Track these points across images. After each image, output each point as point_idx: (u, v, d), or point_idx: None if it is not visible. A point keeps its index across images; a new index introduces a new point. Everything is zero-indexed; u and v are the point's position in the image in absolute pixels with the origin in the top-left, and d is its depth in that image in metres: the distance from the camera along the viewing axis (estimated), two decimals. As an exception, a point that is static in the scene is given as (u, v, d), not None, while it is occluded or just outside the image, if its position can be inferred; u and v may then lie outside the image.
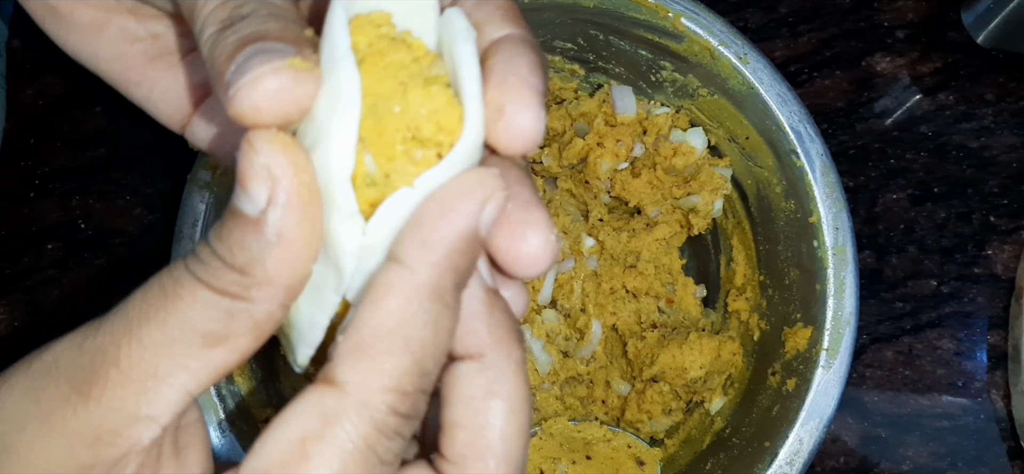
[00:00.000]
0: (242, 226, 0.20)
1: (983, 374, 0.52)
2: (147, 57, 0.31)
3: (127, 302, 0.21)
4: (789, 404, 0.42)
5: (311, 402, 0.21)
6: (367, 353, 0.21)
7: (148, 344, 0.20)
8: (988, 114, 0.55)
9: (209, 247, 0.21)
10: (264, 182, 0.20)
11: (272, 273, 0.21)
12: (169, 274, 0.21)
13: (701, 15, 0.43)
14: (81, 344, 0.21)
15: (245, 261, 0.20)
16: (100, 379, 0.20)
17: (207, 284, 0.21)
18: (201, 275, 0.21)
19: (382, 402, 0.21)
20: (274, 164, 0.20)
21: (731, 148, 0.47)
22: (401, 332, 0.21)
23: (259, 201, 0.20)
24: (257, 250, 0.20)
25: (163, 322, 0.20)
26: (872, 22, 0.55)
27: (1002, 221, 0.54)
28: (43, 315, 0.52)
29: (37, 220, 0.54)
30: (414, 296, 0.21)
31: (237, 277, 0.21)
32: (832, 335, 0.42)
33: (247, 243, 0.20)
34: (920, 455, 0.52)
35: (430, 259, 0.21)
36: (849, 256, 0.42)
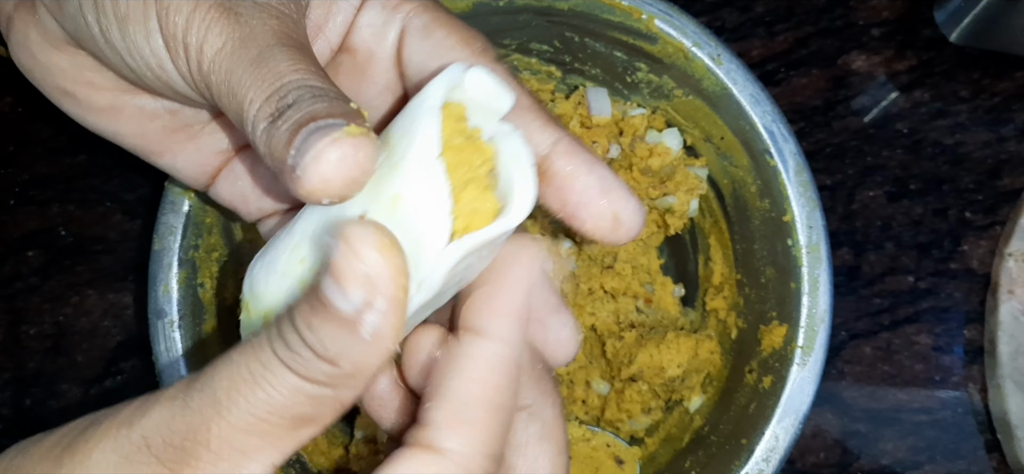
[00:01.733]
0: (335, 321, 0.21)
1: (960, 368, 0.53)
2: (166, 131, 0.32)
3: (213, 379, 0.22)
4: (766, 401, 0.43)
5: (414, 464, 0.22)
6: (464, 421, 0.22)
7: (238, 426, 0.21)
8: (963, 111, 0.55)
9: (297, 334, 0.21)
10: (363, 287, 0.21)
11: (363, 367, 0.22)
12: (256, 357, 0.22)
13: (675, 17, 0.44)
14: (169, 423, 0.22)
15: (336, 354, 0.21)
16: (192, 459, 0.21)
17: (296, 373, 0.21)
18: (290, 363, 0.21)
19: (480, 468, 0.22)
20: (374, 272, 0.21)
21: (707, 148, 0.47)
22: (492, 399, 0.23)
23: (355, 302, 0.21)
24: (349, 346, 0.21)
25: (253, 406, 0.21)
26: (847, 20, 0.56)
27: (977, 217, 0.54)
28: (24, 323, 0.53)
29: (17, 228, 0.54)
30: (498, 365, 0.23)
31: (327, 368, 0.21)
32: (807, 332, 0.42)
33: (339, 338, 0.21)
34: (899, 449, 0.52)
35: (508, 327, 0.23)
36: (823, 254, 0.43)
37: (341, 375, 0.21)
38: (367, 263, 0.21)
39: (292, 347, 0.21)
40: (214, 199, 0.34)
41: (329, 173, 0.22)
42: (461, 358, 0.23)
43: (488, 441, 0.22)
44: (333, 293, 0.21)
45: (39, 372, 0.52)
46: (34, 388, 0.52)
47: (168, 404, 0.22)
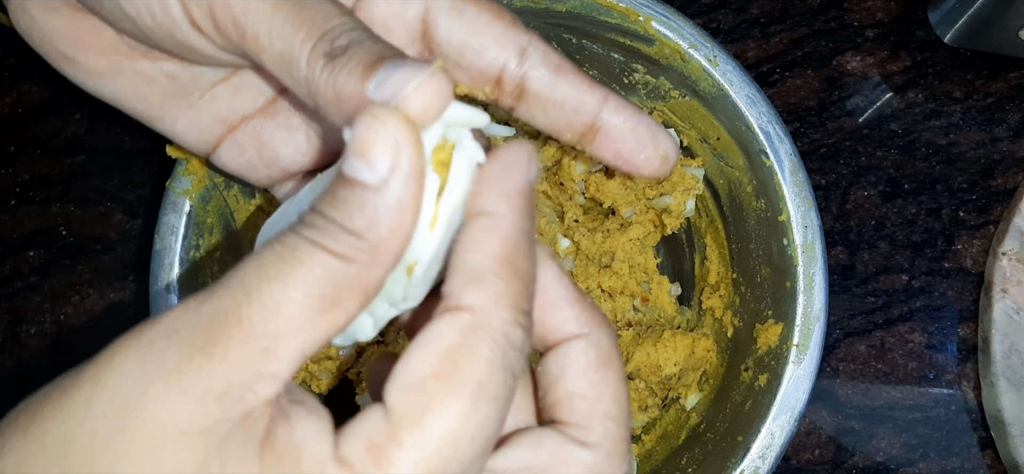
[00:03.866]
0: (361, 192, 0.22)
1: (953, 366, 0.53)
2: (165, 96, 0.32)
3: (240, 269, 0.22)
4: (761, 399, 0.43)
5: (446, 323, 0.23)
6: (485, 279, 0.23)
7: (269, 305, 0.21)
8: (956, 111, 0.56)
9: (322, 214, 0.22)
10: (389, 151, 0.22)
11: (387, 238, 0.22)
12: (281, 241, 0.22)
13: (672, 19, 0.44)
14: (197, 308, 0.22)
15: (363, 226, 0.22)
16: (223, 338, 0.21)
17: (324, 247, 0.22)
18: (318, 239, 0.22)
19: (509, 316, 0.23)
20: (400, 136, 0.22)
21: (703, 149, 0.48)
22: (509, 261, 0.23)
23: (381, 169, 0.22)
24: (375, 215, 0.22)
25: (282, 284, 0.22)
26: (842, 22, 0.56)
27: (970, 216, 0.55)
28: (24, 322, 0.53)
29: (18, 227, 0.54)
30: (510, 234, 0.24)
31: (354, 241, 0.22)
32: (802, 331, 0.43)
33: (366, 209, 0.22)
34: (893, 446, 0.53)
35: (512, 205, 0.24)
36: (818, 253, 0.43)
37: (367, 248, 0.22)
38: (394, 127, 0.22)
39: (317, 226, 0.22)
40: (218, 165, 0.34)
41: (430, 102, 0.23)
42: (469, 238, 0.24)
43: (509, 294, 0.23)
44: (357, 167, 0.22)
45: (39, 371, 0.52)
46: (34, 387, 0.52)
47: (193, 298, 0.22)
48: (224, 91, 0.33)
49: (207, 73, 0.32)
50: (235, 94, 0.33)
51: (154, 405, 0.21)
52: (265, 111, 0.33)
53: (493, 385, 0.22)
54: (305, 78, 0.26)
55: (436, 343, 0.22)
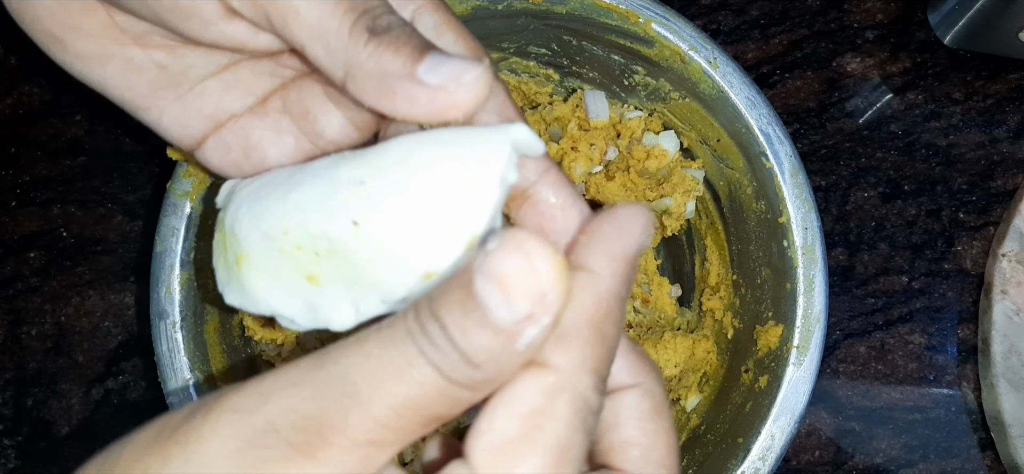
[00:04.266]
0: (491, 330, 0.21)
1: (953, 367, 0.53)
2: (153, 87, 0.32)
3: (347, 369, 0.21)
4: (761, 401, 0.43)
5: (531, 383, 0.22)
6: (573, 341, 0.23)
7: (378, 419, 0.21)
8: (956, 113, 0.56)
9: (446, 336, 0.21)
10: (533, 303, 0.20)
11: (506, 374, 0.22)
12: (398, 350, 0.21)
13: (671, 20, 0.44)
14: (299, 408, 0.21)
15: (485, 360, 0.21)
16: (326, 444, 0.21)
17: (444, 374, 0.21)
18: (438, 364, 0.21)
19: (590, 381, 0.23)
20: (549, 290, 0.21)
21: (703, 150, 0.48)
22: (598, 326, 0.23)
23: (519, 315, 0.20)
24: (500, 355, 0.21)
25: (393, 400, 0.21)
26: (841, 23, 0.56)
27: (970, 217, 0.55)
28: (25, 323, 0.53)
29: (18, 229, 0.54)
30: (605, 298, 0.23)
31: (470, 371, 0.21)
32: (802, 333, 0.43)
33: (493, 347, 0.21)
34: (893, 447, 0.53)
35: (615, 269, 0.24)
36: (818, 255, 0.43)
37: (483, 379, 0.21)
38: (542, 278, 0.20)
39: (439, 348, 0.21)
40: (201, 163, 0.34)
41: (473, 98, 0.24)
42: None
43: (596, 361, 0.23)
44: (494, 301, 0.20)
45: (40, 372, 0.52)
46: (35, 388, 0.52)
47: (293, 390, 0.21)
48: (214, 86, 0.32)
49: (198, 66, 0.32)
50: (225, 91, 0.32)
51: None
52: (254, 111, 0.33)
53: (574, 448, 0.22)
54: (343, 49, 0.26)
55: (520, 403, 0.22)
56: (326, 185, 0.27)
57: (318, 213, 0.27)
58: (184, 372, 0.42)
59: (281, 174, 0.30)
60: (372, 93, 0.26)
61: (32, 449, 0.52)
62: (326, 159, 0.29)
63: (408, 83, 0.25)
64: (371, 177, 0.26)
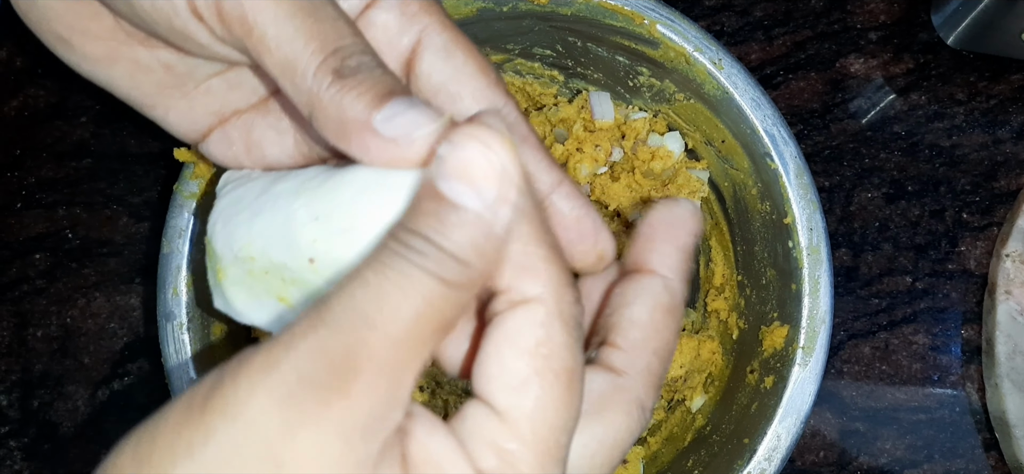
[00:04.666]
0: (467, 220, 0.22)
1: (958, 368, 0.54)
2: (160, 86, 0.32)
3: (352, 299, 0.22)
4: (767, 401, 0.43)
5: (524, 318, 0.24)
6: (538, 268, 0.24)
7: (393, 335, 0.22)
8: (959, 113, 0.56)
9: (431, 243, 0.22)
10: (496, 178, 0.22)
11: (494, 262, 0.23)
12: (393, 270, 0.22)
13: (676, 22, 0.44)
14: (323, 349, 0.21)
15: (472, 255, 0.22)
16: (357, 375, 0.21)
17: (439, 278, 0.22)
18: (432, 269, 0.22)
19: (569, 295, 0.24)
20: (508, 165, 0.22)
21: (708, 151, 0.48)
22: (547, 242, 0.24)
23: (487, 196, 0.22)
24: (484, 242, 0.22)
25: (405, 316, 0.22)
26: (845, 24, 0.57)
27: (974, 218, 0.55)
28: (31, 325, 0.53)
29: (24, 231, 0.54)
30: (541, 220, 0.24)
31: (462, 269, 0.22)
32: (808, 333, 0.43)
33: (475, 238, 0.22)
34: (897, 447, 0.53)
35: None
36: (823, 256, 0.43)
37: (475, 273, 0.23)
38: (500, 157, 0.22)
39: (429, 255, 0.22)
40: (203, 153, 0.34)
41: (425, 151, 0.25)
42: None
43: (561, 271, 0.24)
44: (464, 194, 0.22)
45: (46, 374, 0.52)
46: (41, 390, 0.52)
47: (310, 335, 0.22)
48: (219, 85, 0.33)
49: (203, 66, 0.32)
50: (230, 89, 0.33)
51: (306, 453, 0.21)
52: (257, 108, 0.33)
53: (578, 367, 0.24)
54: (308, 89, 0.26)
55: (522, 339, 0.23)
56: (285, 217, 0.27)
57: (277, 246, 0.27)
58: (191, 374, 0.42)
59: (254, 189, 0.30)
60: (332, 134, 0.26)
61: (38, 451, 0.52)
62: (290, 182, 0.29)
63: (362, 131, 0.25)
64: (326, 214, 0.26)
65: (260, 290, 0.29)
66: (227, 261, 0.29)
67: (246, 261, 0.28)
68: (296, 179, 0.29)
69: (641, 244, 0.28)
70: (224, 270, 0.29)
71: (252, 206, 0.29)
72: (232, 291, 0.29)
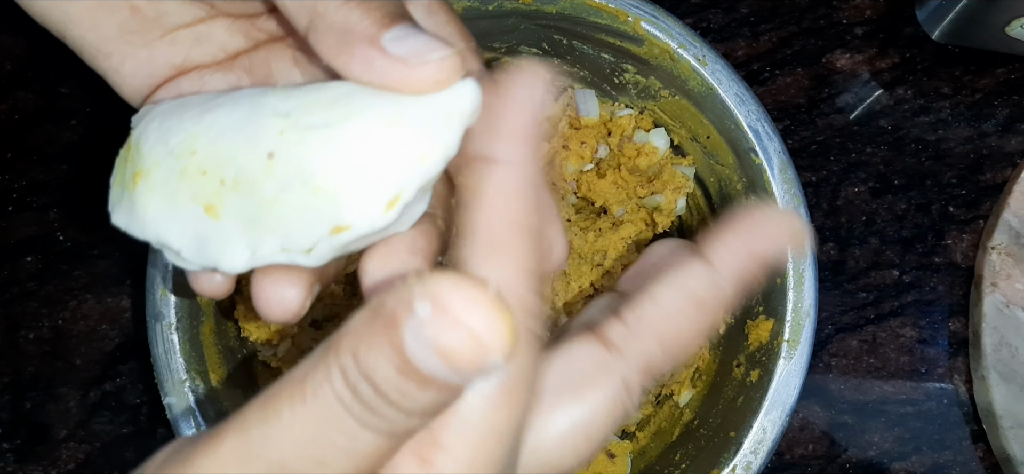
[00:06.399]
0: (436, 388, 0.19)
1: (945, 360, 0.54)
2: (122, 30, 0.30)
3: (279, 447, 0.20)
4: (753, 395, 0.44)
5: None
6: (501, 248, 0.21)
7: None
8: (945, 107, 0.56)
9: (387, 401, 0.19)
10: (480, 366, 0.18)
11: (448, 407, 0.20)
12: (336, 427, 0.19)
13: (660, 19, 0.44)
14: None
15: (434, 410, 0.20)
16: None
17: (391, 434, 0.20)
18: (382, 429, 0.19)
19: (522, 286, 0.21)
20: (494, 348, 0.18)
21: (693, 147, 0.48)
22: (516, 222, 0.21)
23: (466, 375, 0.19)
24: (450, 400, 0.20)
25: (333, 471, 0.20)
26: (830, 20, 0.57)
27: (960, 211, 0.55)
28: (22, 327, 0.53)
29: (14, 233, 0.54)
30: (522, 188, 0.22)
31: (418, 422, 0.20)
32: (793, 327, 0.43)
33: (440, 399, 0.19)
34: (885, 440, 0.53)
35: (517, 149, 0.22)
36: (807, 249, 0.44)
37: (427, 420, 0.20)
38: (486, 343, 0.18)
39: (380, 414, 0.19)
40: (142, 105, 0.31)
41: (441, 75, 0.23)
42: (478, 191, 0.22)
43: (523, 260, 0.21)
44: (436, 368, 0.18)
45: (37, 376, 0.53)
46: (32, 392, 0.52)
47: None
48: (185, 36, 0.31)
49: (172, 14, 0.30)
50: (196, 43, 0.31)
51: None
52: (221, 65, 0.31)
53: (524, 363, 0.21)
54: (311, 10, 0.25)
55: None
56: (248, 111, 0.25)
57: (232, 137, 0.25)
58: (180, 374, 0.42)
59: (206, 96, 0.27)
60: (331, 47, 0.25)
61: (30, 452, 0.52)
62: (257, 89, 0.26)
63: (368, 46, 0.24)
64: (299, 111, 0.24)
65: (185, 196, 0.25)
66: (153, 160, 0.26)
67: (182, 157, 0.25)
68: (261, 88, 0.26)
69: (717, 231, 0.24)
70: (145, 172, 0.26)
71: (207, 104, 0.26)
72: (146, 197, 0.26)
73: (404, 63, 0.24)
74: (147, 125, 0.27)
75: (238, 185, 0.24)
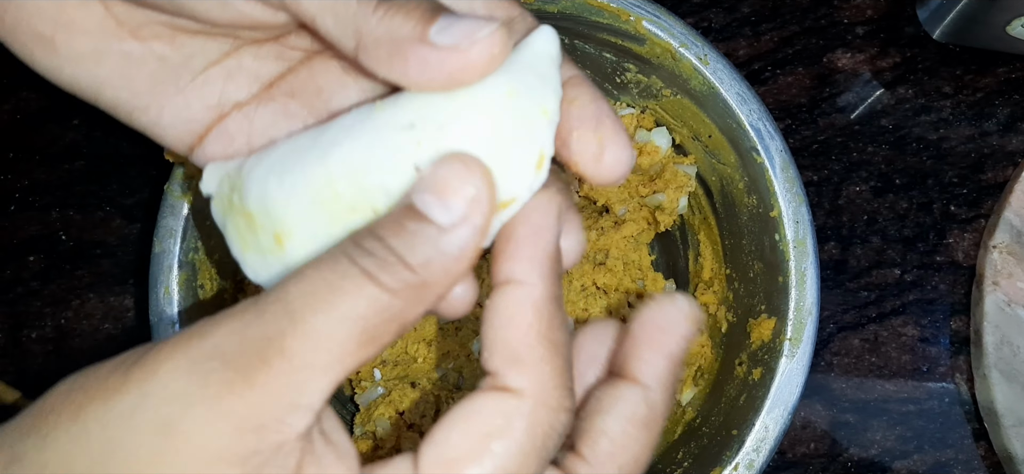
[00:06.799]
0: (427, 229, 0.22)
1: (946, 359, 0.54)
2: (153, 81, 0.30)
3: (286, 291, 0.22)
4: (755, 393, 0.44)
5: (491, 403, 0.23)
6: (528, 360, 0.23)
7: (312, 336, 0.21)
8: (946, 106, 0.56)
9: (381, 240, 0.22)
10: (466, 199, 0.22)
11: (438, 280, 0.23)
12: (331, 266, 0.22)
13: (662, 18, 0.45)
14: (243, 331, 0.22)
15: (420, 262, 0.22)
16: (265, 367, 0.21)
17: (377, 281, 0.22)
18: (371, 270, 0.22)
19: (556, 401, 0.23)
20: (481, 189, 0.23)
21: (695, 146, 0.48)
22: (547, 336, 0.23)
23: (454, 213, 0.22)
24: (435, 255, 0.22)
25: (328, 315, 0.22)
26: (832, 19, 0.57)
27: (961, 210, 0.55)
28: (26, 327, 0.53)
29: (18, 233, 0.54)
30: (544, 305, 0.23)
31: (406, 274, 0.22)
32: (795, 325, 0.43)
33: (427, 245, 0.22)
34: (887, 439, 0.53)
35: (541, 272, 0.24)
36: (809, 248, 0.44)
37: (417, 284, 0.22)
38: (476, 183, 0.22)
39: (375, 256, 0.22)
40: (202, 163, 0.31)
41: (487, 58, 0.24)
42: (505, 307, 0.23)
43: (553, 374, 0.23)
44: (431, 205, 0.22)
45: (41, 375, 0.53)
46: (36, 391, 0.52)
47: (239, 317, 0.22)
48: (217, 74, 0.30)
49: (198, 55, 0.30)
50: (228, 78, 0.31)
51: (196, 428, 0.21)
52: (259, 98, 0.31)
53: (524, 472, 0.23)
54: (352, 17, 0.25)
55: (478, 421, 0.23)
56: (370, 136, 0.25)
57: (370, 166, 0.25)
58: (183, 372, 0.42)
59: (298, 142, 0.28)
60: (384, 61, 0.25)
61: (33, 451, 0.52)
62: (346, 116, 0.27)
63: (420, 46, 0.24)
64: (419, 118, 0.25)
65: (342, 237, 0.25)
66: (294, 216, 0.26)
67: (327, 202, 0.26)
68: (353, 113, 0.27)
69: (628, 345, 0.26)
70: (288, 231, 0.26)
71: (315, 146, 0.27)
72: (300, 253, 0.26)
73: (457, 50, 0.24)
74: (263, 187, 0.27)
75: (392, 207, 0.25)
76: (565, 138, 0.27)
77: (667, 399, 0.26)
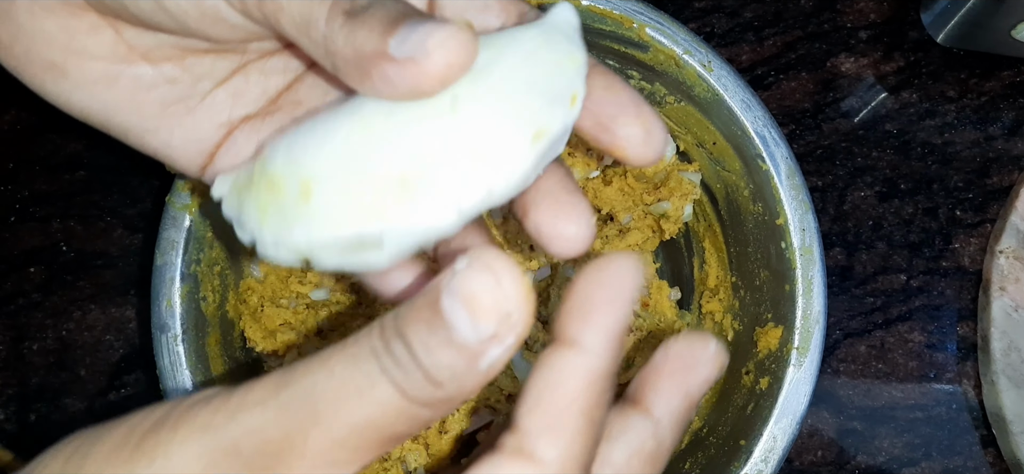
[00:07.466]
0: (455, 348, 0.21)
1: (954, 365, 0.54)
2: (164, 104, 0.30)
3: (312, 388, 0.21)
4: (763, 402, 0.43)
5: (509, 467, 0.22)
6: (559, 429, 0.22)
7: (337, 440, 0.21)
8: (950, 111, 0.56)
9: (410, 353, 0.21)
10: (497, 318, 0.21)
11: (466, 393, 0.22)
12: (360, 369, 0.21)
13: (665, 25, 0.44)
14: (263, 430, 0.21)
15: (446, 379, 0.21)
16: (284, 467, 0.21)
17: (404, 393, 0.21)
18: (400, 382, 0.21)
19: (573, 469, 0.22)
20: (514, 309, 0.21)
21: (699, 154, 0.48)
22: (588, 412, 0.22)
23: (483, 333, 0.21)
24: (461, 374, 0.21)
25: (353, 421, 0.21)
26: (835, 24, 0.57)
27: (967, 214, 0.55)
28: (27, 338, 0.53)
29: (19, 244, 0.54)
30: (596, 380, 0.22)
31: (432, 390, 0.21)
32: (802, 333, 0.43)
33: (455, 365, 0.21)
34: (895, 446, 0.53)
35: (608, 345, 0.22)
36: (816, 256, 0.43)
37: (443, 398, 0.21)
38: (509, 299, 0.21)
39: (402, 366, 0.21)
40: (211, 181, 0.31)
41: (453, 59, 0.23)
42: (556, 369, 0.22)
43: (581, 452, 0.22)
44: (460, 319, 0.21)
45: (43, 387, 0.52)
46: (38, 403, 0.52)
47: (259, 410, 0.21)
48: (223, 94, 0.31)
49: (207, 76, 0.31)
50: (235, 97, 0.31)
51: None
52: (267, 111, 0.31)
53: None
54: (323, 37, 0.25)
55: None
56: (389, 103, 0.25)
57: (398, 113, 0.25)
58: (186, 384, 0.42)
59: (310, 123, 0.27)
60: (354, 78, 0.25)
61: (35, 464, 0.52)
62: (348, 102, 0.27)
63: (380, 62, 0.24)
64: None
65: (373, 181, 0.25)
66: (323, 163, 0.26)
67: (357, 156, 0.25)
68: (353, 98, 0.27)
69: (648, 374, 0.26)
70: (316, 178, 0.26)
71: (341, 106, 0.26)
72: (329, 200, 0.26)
73: (413, 63, 0.23)
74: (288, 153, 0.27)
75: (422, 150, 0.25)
76: (608, 125, 0.28)
77: (675, 437, 0.26)
